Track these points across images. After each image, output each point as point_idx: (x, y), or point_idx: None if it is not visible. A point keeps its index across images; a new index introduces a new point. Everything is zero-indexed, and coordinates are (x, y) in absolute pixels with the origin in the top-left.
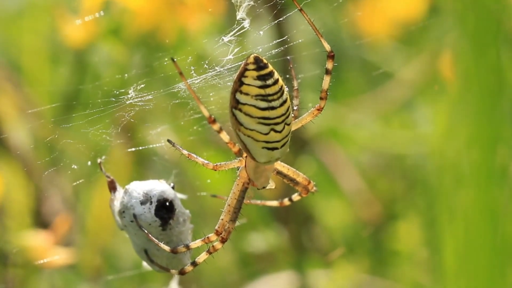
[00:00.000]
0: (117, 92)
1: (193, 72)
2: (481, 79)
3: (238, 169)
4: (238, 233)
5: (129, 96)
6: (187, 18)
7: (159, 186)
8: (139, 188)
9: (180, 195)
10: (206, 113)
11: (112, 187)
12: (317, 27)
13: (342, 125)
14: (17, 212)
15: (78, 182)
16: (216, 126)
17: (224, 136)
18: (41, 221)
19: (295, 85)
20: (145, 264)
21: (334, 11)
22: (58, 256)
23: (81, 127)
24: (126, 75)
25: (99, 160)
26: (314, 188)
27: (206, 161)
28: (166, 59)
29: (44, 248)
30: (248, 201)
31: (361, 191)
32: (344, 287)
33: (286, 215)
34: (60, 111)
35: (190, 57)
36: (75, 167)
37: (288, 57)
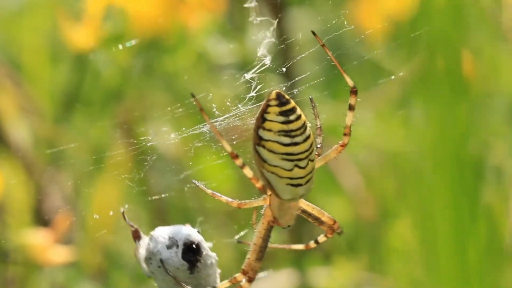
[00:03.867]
0: (138, 131)
1: (215, 109)
2: (475, 77)
3: (263, 208)
4: (238, 231)
5: (150, 138)
6: (188, 18)
7: (184, 230)
8: (164, 233)
9: (207, 243)
10: (228, 148)
11: (136, 236)
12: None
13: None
14: (17, 209)
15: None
16: (239, 162)
17: (248, 172)
18: (41, 219)
19: (318, 123)
20: None
21: (335, 9)
22: (59, 254)
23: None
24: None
25: (122, 210)
26: (340, 228)
27: (230, 199)
28: (166, 68)
29: (45, 246)
30: (274, 245)
31: (361, 188)
32: (344, 285)
33: None
34: (61, 116)
35: (210, 94)
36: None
37: (310, 96)
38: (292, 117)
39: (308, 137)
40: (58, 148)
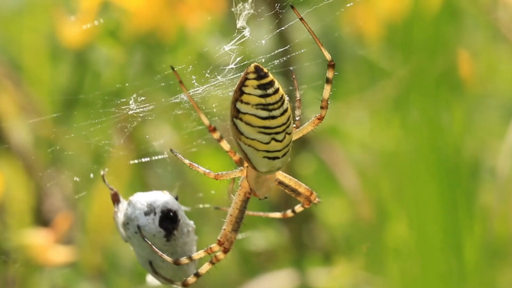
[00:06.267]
0: (118, 102)
1: (194, 81)
2: (471, 77)
3: (240, 179)
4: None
5: (131, 106)
6: (187, 17)
7: (162, 197)
8: (142, 199)
9: (183, 207)
10: (206, 122)
11: (116, 199)
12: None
13: (342, 123)
14: (18, 210)
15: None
16: (216, 135)
17: (225, 145)
18: (41, 219)
19: (298, 95)
20: (149, 278)
21: (333, 10)
22: (59, 254)
23: (85, 138)
24: (125, 78)
25: (102, 172)
26: (317, 199)
27: (207, 170)
28: (165, 65)
29: (45, 246)
30: (251, 213)
31: (361, 189)
32: (344, 285)
33: None
34: (61, 115)
35: (191, 66)
36: (77, 179)
37: (291, 68)
38: (270, 91)
39: (285, 111)
40: (58, 148)
